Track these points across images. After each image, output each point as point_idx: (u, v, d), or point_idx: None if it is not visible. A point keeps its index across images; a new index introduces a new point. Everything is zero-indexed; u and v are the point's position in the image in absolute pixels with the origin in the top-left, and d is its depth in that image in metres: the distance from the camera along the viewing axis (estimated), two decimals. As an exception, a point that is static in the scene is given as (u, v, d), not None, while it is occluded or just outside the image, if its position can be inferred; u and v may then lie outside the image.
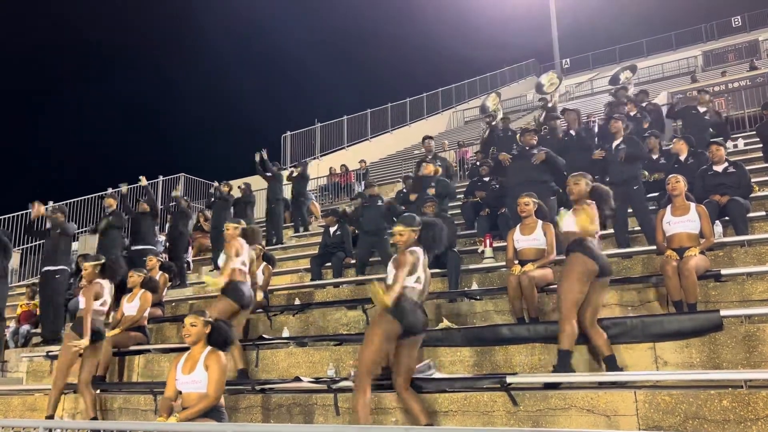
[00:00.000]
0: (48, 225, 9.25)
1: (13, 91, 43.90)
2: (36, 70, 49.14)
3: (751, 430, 3.65)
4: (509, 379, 4.46)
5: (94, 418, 6.06)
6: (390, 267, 4.55)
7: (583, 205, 4.79)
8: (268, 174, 12.18)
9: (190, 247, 11.91)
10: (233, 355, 5.91)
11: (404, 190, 10.19)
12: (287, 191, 12.84)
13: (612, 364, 4.53)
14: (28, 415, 6.90)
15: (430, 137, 11.11)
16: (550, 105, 11.76)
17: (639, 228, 7.08)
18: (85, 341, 6.00)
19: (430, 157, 9.93)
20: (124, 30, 57.94)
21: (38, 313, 9.46)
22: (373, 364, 4.37)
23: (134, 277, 7.36)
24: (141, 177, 11.09)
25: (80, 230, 13.89)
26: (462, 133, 22.64)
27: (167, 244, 12.08)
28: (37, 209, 9.17)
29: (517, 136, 9.49)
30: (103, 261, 6.43)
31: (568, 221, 4.84)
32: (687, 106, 9.94)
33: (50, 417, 6.11)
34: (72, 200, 14.14)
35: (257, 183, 13.26)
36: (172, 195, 12.23)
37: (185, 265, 11.13)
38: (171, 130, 56.85)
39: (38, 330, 9.33)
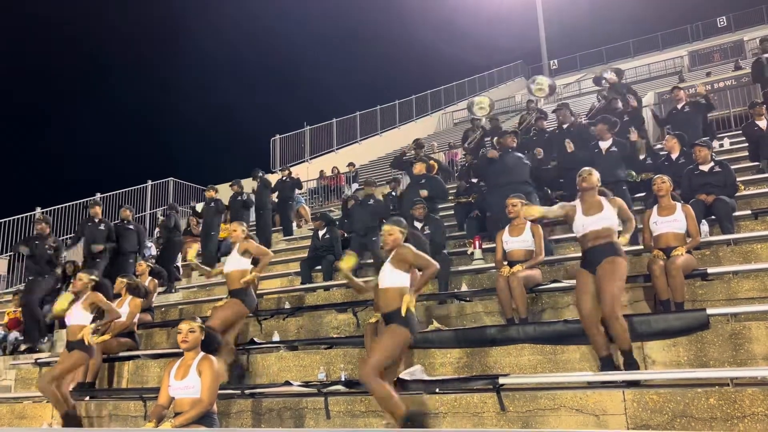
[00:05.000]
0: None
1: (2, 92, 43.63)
2: (24, 73, 48.79)
3: (737, 427, 3.69)
4: (502, 380, 4.48)
5: (68, 413, 6.02)
6: (388, 267, 4.51)
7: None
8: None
9: (179, 253, 11.85)
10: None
11: (393, 193, 10.21)
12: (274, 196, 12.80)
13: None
14: (17, 423, 6.86)
15: (420, 145, 10.91)
16: (538, 106, 11.87)
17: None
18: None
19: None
20: (114, 34, 57.77)
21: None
22: (379, 368, 4.31)
23: (122, 283, 7.33)
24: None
25: (68, 236, 13.80)
26: (451, 135, 22.67)
27: (158, 249, 12.05)
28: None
29: (494, 139, 9.54)
30: (97, 279, 6.47)
31: (591, 221, 4.75)
32: (669, 109, 10.00)
33: (68, 414, 6.07)
34: (60, 206, 14.03)
35: (247, 186, 13.19)
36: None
37: (174, 270, 11.09)
38: (160, 134, 56.71)
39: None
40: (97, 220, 9.77)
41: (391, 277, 4.48)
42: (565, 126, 9.10)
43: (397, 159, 10.78)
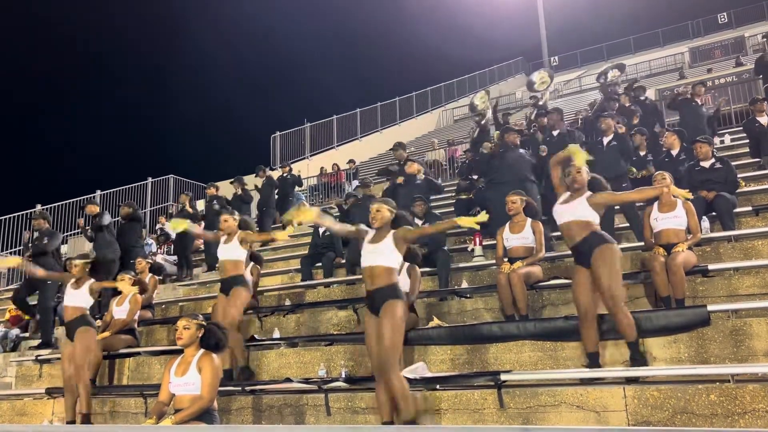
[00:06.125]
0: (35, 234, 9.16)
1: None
2: (24, 72, 48.78)
3: (738, 423, 3.69)
4: (503, 377, 4.48)
5: (87, 414, 6.03)
6: (386, 245, 4.49)
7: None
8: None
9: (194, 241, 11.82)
10: (235, 354, 6.00)
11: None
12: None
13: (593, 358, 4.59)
14: (17, 419, 6.87)
15: (402, 145, 10.77)
16: (540, 103, 11.82)
17: (626, 225, 7.11)
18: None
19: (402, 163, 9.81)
20: (113, 32, 57.68)
21: (27, 317, 9.41)
22: (398, 356, 4.40)
23: (124, 279, 7.32)
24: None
25: (69, 233, 13.82)
26: (452, 132, 22.66)
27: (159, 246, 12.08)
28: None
29: (496, 134, 9.49)
30: (91, 260, 6.47)
31: (577, 209, 4.70)
32: (686, 98, 10.03)
33: (72, 422, 6.11)
34: (60, 203, 14.05)
35: (250, 182, 13.19)
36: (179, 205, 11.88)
37: (191, 257, 11.16)
38: (160, 132, 56.71)
39: (27, 334, 9.27)
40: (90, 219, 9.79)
41: (388, 257, 4.47)
42: (555, 132, 9.01)
43: (385, 169, 10.71)
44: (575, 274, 4.71)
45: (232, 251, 6.13)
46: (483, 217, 4.48)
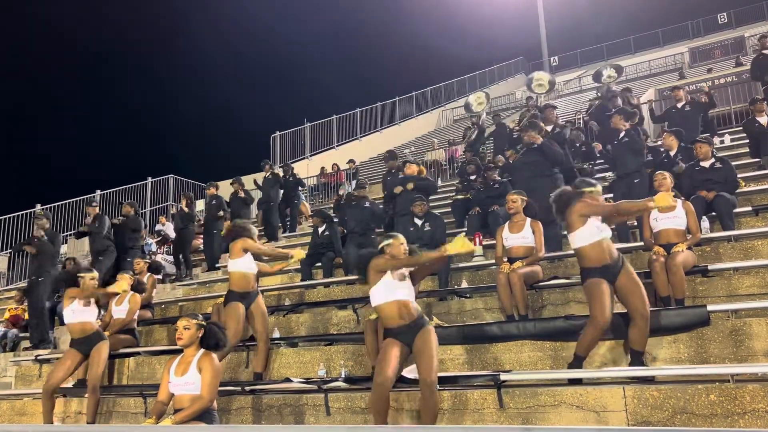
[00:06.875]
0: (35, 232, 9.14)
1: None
2: (24, 72, 48.81)
3: (738, 423, 3.68)
4: (503, 377, 4.48)
5: (92, 423, 6.04)
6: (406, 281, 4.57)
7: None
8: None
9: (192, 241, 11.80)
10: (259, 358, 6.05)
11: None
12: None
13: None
14: (17, 419, 6.87)
15: (393, 155, 10.79)
16: (537, 104, 11.84)
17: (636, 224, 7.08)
18: None
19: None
20: (113, 32, 57.70)
21: (26, 317, 9.40)
22: None
23: (123, 278, 7.32)
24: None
25: (68, 233, 13.82)
26: (452, 132, 22.64)
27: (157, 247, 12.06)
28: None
29: (516, 130, 9.50)
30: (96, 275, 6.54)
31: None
32: (668, 107, 10.08)
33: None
34: (59, 203, 14.04)
35: (248, 183, 13.20)
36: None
37: (190, 257, 11.16)
38: (160, 132, 56.71)
39: (27, 334, 9.27)
40: (90, 220, 9.79)
41: (412, 292, 4.56)
42: (549, 127, 8.97)
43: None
44: (607, 288, 4.48)
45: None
46: (468, 245, 4.30)
